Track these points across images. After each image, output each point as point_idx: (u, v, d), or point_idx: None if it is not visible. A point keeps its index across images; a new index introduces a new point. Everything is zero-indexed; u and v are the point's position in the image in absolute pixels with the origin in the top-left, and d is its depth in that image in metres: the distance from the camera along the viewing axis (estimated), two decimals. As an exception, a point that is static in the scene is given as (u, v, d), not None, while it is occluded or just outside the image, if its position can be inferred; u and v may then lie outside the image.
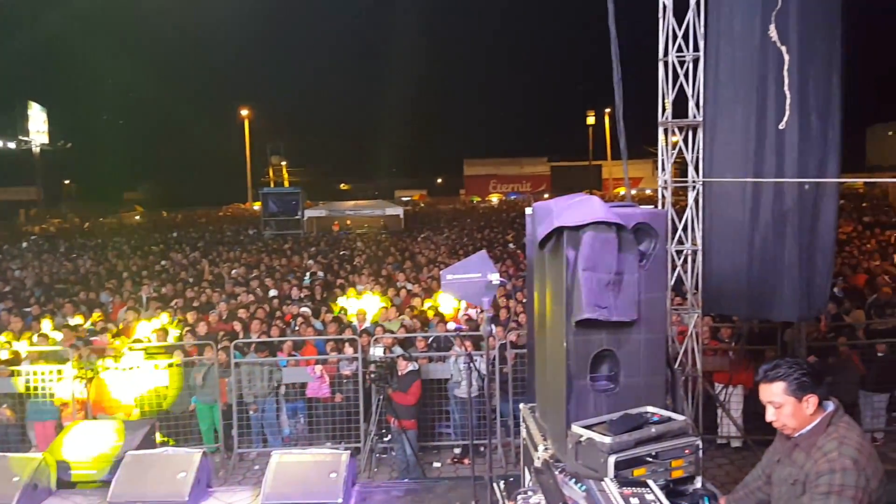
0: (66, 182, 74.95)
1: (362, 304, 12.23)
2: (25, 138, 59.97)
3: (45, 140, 63.32)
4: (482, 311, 9.30)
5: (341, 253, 22.54)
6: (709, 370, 8.69)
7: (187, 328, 10.81)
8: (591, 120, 67.41)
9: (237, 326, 11.10)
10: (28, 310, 13.42)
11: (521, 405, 4.90)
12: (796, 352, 8.77)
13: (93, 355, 9.46)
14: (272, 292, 14.59)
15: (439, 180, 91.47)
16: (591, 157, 67.09)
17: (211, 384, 9.21)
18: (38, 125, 61.92)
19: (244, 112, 62.28)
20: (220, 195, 67.75)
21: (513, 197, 70.20)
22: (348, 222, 36.33)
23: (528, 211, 5.04)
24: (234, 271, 18.10)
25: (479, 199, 70.25)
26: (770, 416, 3.04)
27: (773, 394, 2.99)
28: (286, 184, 59.28)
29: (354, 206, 39.70)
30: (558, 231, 4.01)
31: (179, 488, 5.53)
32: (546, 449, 4.09)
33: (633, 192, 61.95)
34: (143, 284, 15.96)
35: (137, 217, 54.94)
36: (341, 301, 12.98)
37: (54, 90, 76.11)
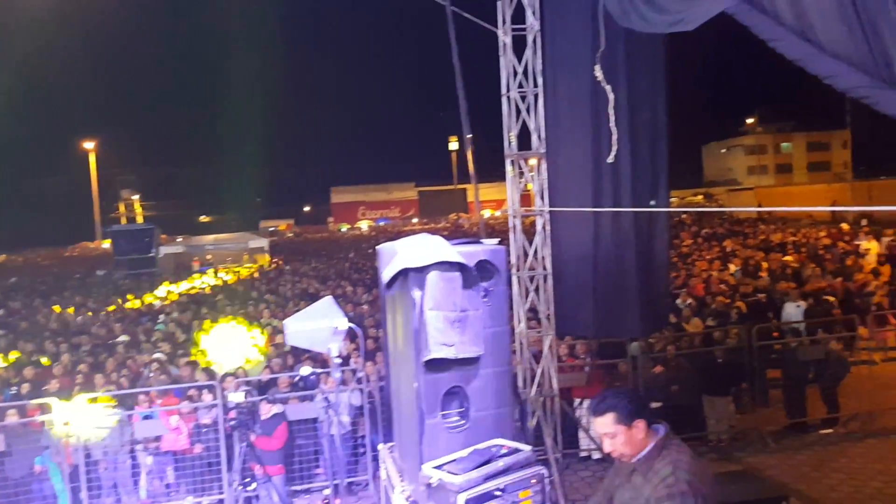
0: None
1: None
2: None
3: None
4: (353, 346, 9.25)
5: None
6: (567, 386, 9.03)
7: (26, 384, 9.92)
8: (453, 145, 69.12)
9: (83, 379, 10.31)
10: None
11: (380, 445, 4.90)
12: (643, 364, 9.33)
13: None
14: (121, 338, 13.71)
15: (307, 208, 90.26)
16: (455, 181, 68.65)
17: (57, 443, 8.51)
18: None
19: (89, 145, 58.62)
20: (66, 234, 63.23)
21: (382, 223, 70.47)
22: (208, 257, 34.85)
23: (378, 249, 5.07)
24: (79, 318, 16.89)
25: (348, 227, 69.89)
26: (607, 447, 3.19)
27: (605, 425, 3.14)
28: (140, 219, 56.17)
29: (215, 240, 38.18)
30: (404, 272, 4.07)
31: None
32: (403, 490, 4.09)
33: (498, 213, 63.99)
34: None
35: (-30, 262, 50.08)
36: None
37: None
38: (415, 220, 70.32)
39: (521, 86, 7.66)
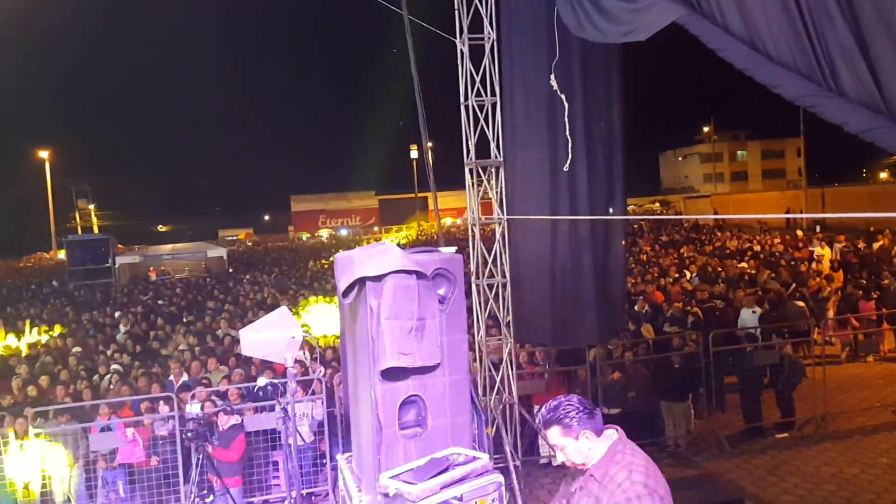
0: None
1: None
2: None
3: None
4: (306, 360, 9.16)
5: (158, 302, 21.17)
6: (527, 393, 9.06)
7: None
8: (415, 154, 69.15)
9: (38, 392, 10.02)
10: None
11: (338, 455, 4.84)
12: (601, 370, 9.41)
13: None
14: (75, 350, 13.35)
15: (266, 217, 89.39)
16: (416, 189, 68.68)
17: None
18: None
19: (43, 153, 57.13)
20: (21, 245, 61.52)
21: (343, 231, 70.07)
22: (162, 268, 34.14)
23: (335, 257, 5.02)
24: (33, 329, 16.46)
25: (308, 235, 69.33)
26: (560, 458, 3.18)
27: (553, 438, 3.14)
28: (95, 229, 54.88)
29: (172, 249, 37.47)
30: (360, 281, 4.04)
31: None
32: (360, 501, 4.05)
33: (459, 221, 64.17)
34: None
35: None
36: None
37: None
38: (375, 229, 70.05)
39: (479, 94, 7.68)
